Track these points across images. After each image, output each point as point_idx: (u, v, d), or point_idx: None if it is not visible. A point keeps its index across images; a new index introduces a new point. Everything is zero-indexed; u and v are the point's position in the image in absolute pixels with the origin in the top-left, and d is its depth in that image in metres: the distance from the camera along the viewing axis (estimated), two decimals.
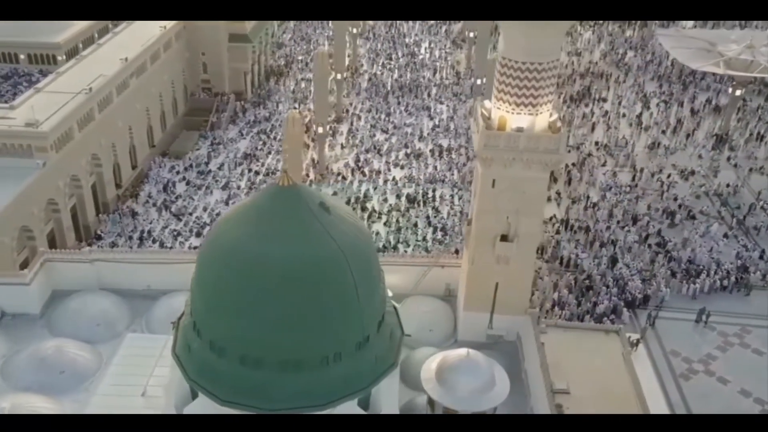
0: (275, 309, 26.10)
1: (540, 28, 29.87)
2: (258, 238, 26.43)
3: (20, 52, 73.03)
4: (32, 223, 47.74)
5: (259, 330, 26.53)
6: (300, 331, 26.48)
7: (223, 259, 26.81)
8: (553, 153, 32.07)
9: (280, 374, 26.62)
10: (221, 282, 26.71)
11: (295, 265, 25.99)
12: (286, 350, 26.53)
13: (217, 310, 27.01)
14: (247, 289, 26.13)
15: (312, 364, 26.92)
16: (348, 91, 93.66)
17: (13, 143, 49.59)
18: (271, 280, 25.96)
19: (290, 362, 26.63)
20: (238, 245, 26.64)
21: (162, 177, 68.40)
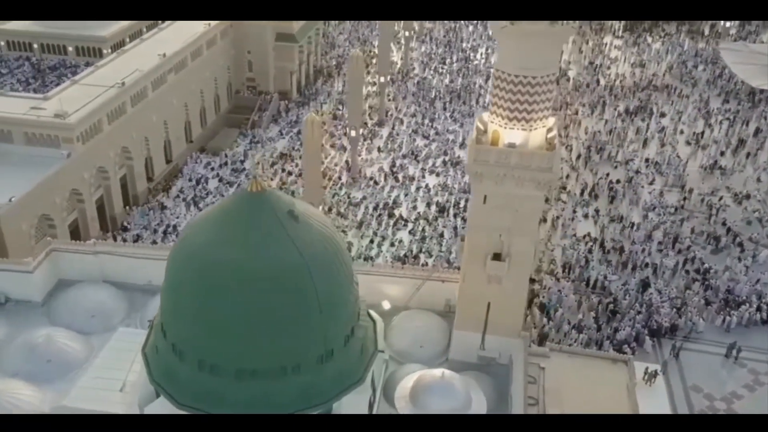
0: (232, 316, 26.19)
1: (534, 41, 28.95)
2: (220, 243, 26.59)
3: (69, 45, 76.47)
4: (53, 212, 49.80)
5: (216, 336, 26.71)
6: (256, 340, 26.50)
7: (185, 263, 27.14)
8: (546, 171, 30.93)
9: (236, 382, 26.74)
10: (183, 285, 27.04)
11: (254, 272, 26.00)
12: (242, 358, 26.61)
13: (179, 313, 27.38)
14: (206, 294, 26.32)
15: (269, 374, 26.89)
16: (394, 94, 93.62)
17: (41, 133, 51.98)
18: (229, 287, 26.07)
19: (246, 371, 26.69)
20: (199, 250, 26.90)
21: (196, 173, 70.11)
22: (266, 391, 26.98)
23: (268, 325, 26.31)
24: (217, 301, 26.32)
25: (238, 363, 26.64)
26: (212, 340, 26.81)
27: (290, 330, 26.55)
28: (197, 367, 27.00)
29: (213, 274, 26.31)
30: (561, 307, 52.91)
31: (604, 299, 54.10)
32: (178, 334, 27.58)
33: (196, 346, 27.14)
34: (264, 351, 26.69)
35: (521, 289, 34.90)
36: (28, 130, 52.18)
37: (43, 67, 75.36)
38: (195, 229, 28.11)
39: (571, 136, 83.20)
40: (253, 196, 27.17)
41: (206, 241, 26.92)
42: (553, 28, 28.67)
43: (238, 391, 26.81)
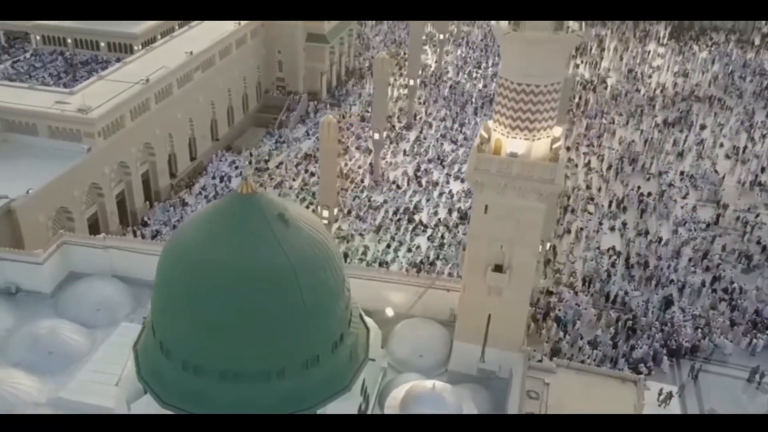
0: (216, 317, 26.35)
1: (538, 48, 28.45)
2: (208, 244, 26.80)
3: (101, 40, 78.34)
4: (72, 206, 51.03)
5: (200, 336, 26.93)
6: (240, 342, 26.61)
7: (174, 262, 27.46)
8: (548, 183, 30.36)
9: (220, 383, 26.89)
10: (171, 284, 27.36)
11: (239, 274, 26.12)
12: (225, 360, 26.76)
13: (166, 311, 27.72)
14: (191, 294, 26.56)
15: (253, 377, 26.99)
16: (426, 97, 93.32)
17: (64, 127, 53.37)
18: (215, 288, 26.24)
19: (230, 372, 26.84)
20: (188, 249, 27.18)
21: (220, 171, 71.04)
22: (250, 394, 27.08)
23: (252, 328, 26.41)
24: (202, 302, 26.53)
25: (222, 364, 26.81)
26: (196, 340, 27.06)
27: (275, 334, 26.60)
28: (182, 367, 27.27)
29: (199, 274, 26.54)
30: (578, 322, 51.93)
31: (623, 315, 52.88)
32: (165, 332, 27.92)
33: (182, 345, 27.43)
34: (248, 353, 26.80)
35: (522, 301, 34.32)
36: (51, 124, 53.66)
37: (75, 62, 77.39)
38: (186, 228, 28.44)
39: (604, 146, 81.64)
40: (243, 198, 27.34)
41: (195, 241, 27.18)
42: (556, 35, 28.16)
43: (221, 392, 26.96)
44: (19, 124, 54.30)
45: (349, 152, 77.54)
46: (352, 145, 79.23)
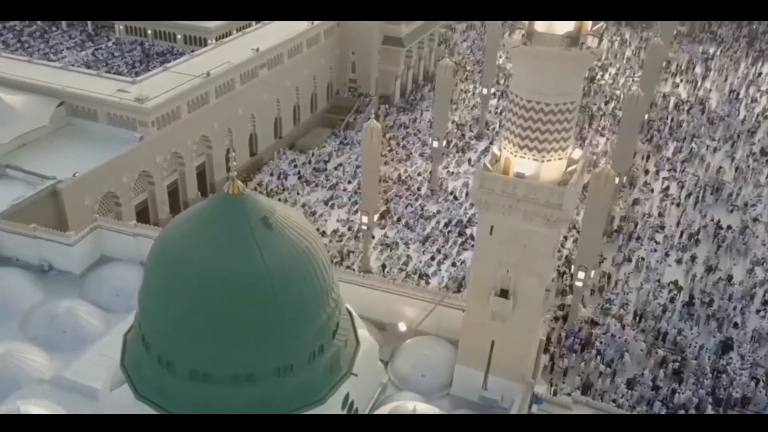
0: (189, 317, 26.83)
1: (549, 64, 27.19)
2: (187, 243, 27.33)
3: (178, 33, 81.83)
4: (120, 191, 53.55)
5: (172, 334, 27.53)
6: (210, 344, 26.95)
7: (156, 258, 28.23)
8: (555, 208, 28.94)
9: (189, 382, 27.32)
10: (150, 279, 28.19)
11: (213, 276, 26.43)
12: (195, 360, 27.16)
13: (147, 306, 28.49)
14: (166, 291, 27.23)
15: (221, 379, 27.26)
16: (502, 108, 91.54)
17: (121, 115, 56.15)
18: (188, 288, 26.70)
19: (199, 373, 27.21)
20: (169, 247, 27.84)
21: (279, 168, 72.54)
22: (217, 396, 27.35)
23: (222, 330, 26.61)
24: (177, 299, 27.09)
25: (191, 364, 27.21)
26: (169, 337, 27.66)
27: (245, 338, 26.70)
28: (157, 361, 27.95)
29: (175, 271, 27.11)
30: (621, 358, 49.29)
31: (671, 356, 49.74)
32: (146, 326, 28.67)
33: (158, 340, 28.08)
34: (216, 356, 27.05)
35: (528, 330, 32.85)
36: (110, 111, 56.62)
37: (152, 52, 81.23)
38: (174, 224, 29.10)
39: (687, 171, 77.19)
40: (229, 198, 27.68)
41: (177, 238, 27.81)
42: (568, 52, 26.83)
43: (189, 391, 27.38)
44: (82, 110, 57.71)
45: (411, 158, 77.23)
46: (416, 151, 78.84)
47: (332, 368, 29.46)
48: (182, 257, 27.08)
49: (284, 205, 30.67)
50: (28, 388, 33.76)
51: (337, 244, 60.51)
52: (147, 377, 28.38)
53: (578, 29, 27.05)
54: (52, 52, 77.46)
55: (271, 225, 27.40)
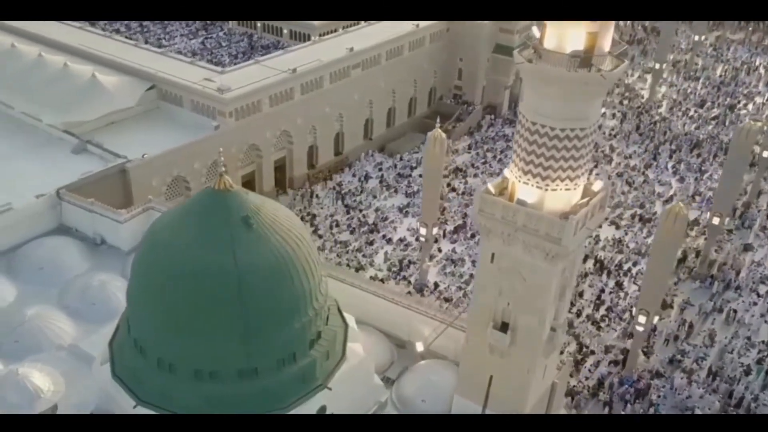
0: (155, 307, 28.11)
1: (556, 85, 25.45)
2: (167, 235, 28.56)
3: (285, 28, 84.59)
4: (190, 176, 56.28)
5: (144, 322, 28.82)
6: (172, 337, 27.90)
7: (144, 245, 29.58)
8: (555, 242, 27.06)
9: (156, 369, 28.46)
10: (135, 265, 29.51)
11: (182, 270, 27.29)
12: (160, 349, 28.28)
13: (129, 292, 29.97)
14: (141, 280, 28.75)
15: (184, 373, 28.06)
16: (618, 130, 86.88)
17: (203, 103, 59.04)
18: (160, 280, 27.80)
19: (164, 362, 28.31)
20: (151, 237, 29.15)
21: (363, 170, 73.20)
22: (179, 388, 28.16)
23: (184, 325, 27.44)
24: (146, 290, 28.39)
25: (158, 353, 28.28)
26: (142, 324, 28.93)
27: (206, 335, 27.33)
28: (133, 344, 29.27)
29: (150, 262, 28.35)
30: None
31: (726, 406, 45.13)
32: (128, 311, 30.09)
33: (133, 324, 29.42)
34: (178, 349, 27.90)
35: (527, 370, 30.94)
36: (194, 98, 59.75)
37: (257, 45, 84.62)
38: (162, 217, 30.30)
39: None
40: (216, 194, 28.37)
41: (158, 230, 29.12)
42: (577, 74, 24.98)
43: (155, 377, 28.44)
44: (171, 95, 61.35)
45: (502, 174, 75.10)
46: None
47: (305, 378, 29.40)
48: (157, 250, 28.29)
49: (280, 207, 30.61)
50: (46, 353, 36.45)
51: (400, 253, 60.12)
52: (126, 359, 29.74)
53: (589, 48, 25.13)
54: (165, 38, 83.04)
55: (251, 224, 27.79)
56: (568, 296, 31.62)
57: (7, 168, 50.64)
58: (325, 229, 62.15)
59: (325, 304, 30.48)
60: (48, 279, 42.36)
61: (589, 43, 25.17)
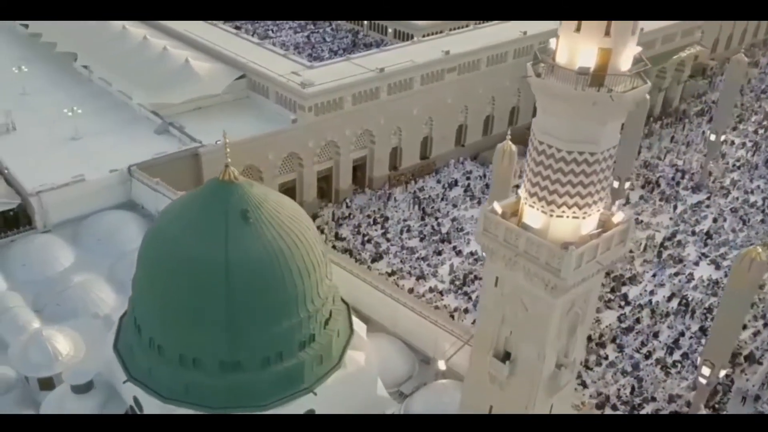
0: (150, 294, 29.53)
1: (562, 102, 23.95)
2: (167, 222, 29.87)
3: (390, 27, 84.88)
4: (263, 166, 58.09)
5: (141, 308, 30.03)
6: (162, 325, 29.09)
7: (147, 231, 30.80)
8: (554, 273, 25.50)
9: (157, 355, 29.72)
10: (139, 251, 30.71)
11: (173, 259, 28.52)
12: (157, 334, 29.46)
13: (135, 275, 31.25)
14: (141, 268, 30.12)
15: (170, 357, 29.09)
16: (744, 161, 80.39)
17: (286, 96, 60.72)
18: (153, 269, 29.32)
19: (155, 344, 29.40)
20: (156, 223, 30.42)
21: (451, 176, 72.38)
22: (165, 371, 29.20)
23: (171, 310, 28.49)
24: (145, 272, 29.76)
25: (150, 333, 29.53)
26: (140, 303, 30.25)
27: (191, 322, 28.20)
28: (134, 322, 30.69)
29: (150, 246, 29.66)
30: None
31: None
32: (133, 290, 31.49)
33: (134, 303, 30.80)
34: (166, 333, 29.00)
35: (525, 406, 29.29)
36: (278, 91, 61.57)
37: (360, 42, 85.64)
38: (172, 203, 31.41)
39: None
40: (221, 184, 29.17)
41: (163, 216, 30.47)
42: (584, 93, 23.31)
43: (145, 357, 29.70)
44: (259, 86, 63.62)
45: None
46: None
47: (291, 379, 29.63)
48: (155, 238, 29.49)
49: (287, 203, 30.78)
50: (81, 319, 39.06)
51: (468, 267, 58.96)
52: (131, 343, 30.93)
53: (601, 66, 23.41)
54: (272, 30, 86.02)
55: (248, 218, 28.31)
56: (582, 334, 29.62)
57: (93, 141, 54.74)
58: (395, 233, 62.14)
59: (323, 307, 30.45)
60: (105, 250, 45.29)
61: (601, 59, 23.43)
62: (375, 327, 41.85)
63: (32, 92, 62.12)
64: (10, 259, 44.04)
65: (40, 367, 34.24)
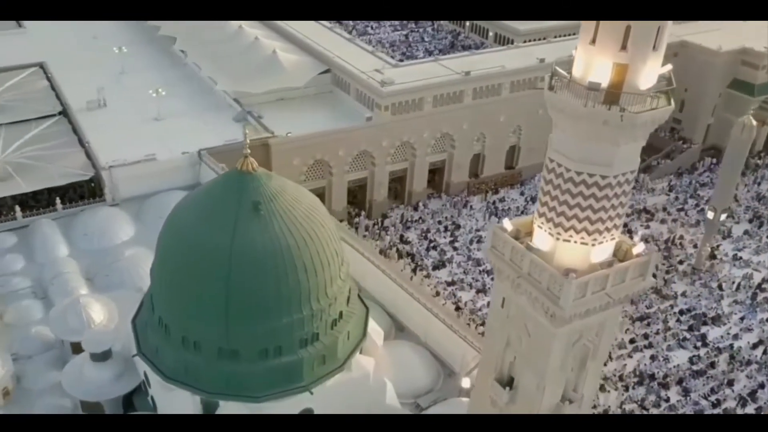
0: (160, 279, 30.70)
1: (573, 120, 22.80)
2: (180, 210, 30.99)
3: (491, 30, 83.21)
4: (333, 161, 58.76)
5: (156, 285, 31.35)
6: (171, 302, 30.24)
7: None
8: (553, 301, 24.28)
9: (158, 329, 30.90)
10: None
11: (182, 245, 29.72)
12: (162, 311, 30.65)
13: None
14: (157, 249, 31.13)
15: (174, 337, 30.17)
16: None
17: (365, 93, 61.11)
18: (165, 248, 30.42)
19: (163, 323, 30.50)
20: (174, 208, 31.33)
21: (536, 190, 70.27)
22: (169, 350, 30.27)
23: (178, 292, 29.61)
24: (159, 254, 30.87)
25: (160, 312, 30.70)
26: (154, 283, 31.33)
27: (193, 307, 29.08)
28: (150, 299, 31.92)
29: (165, 229, 30.68)
30: None
31: None
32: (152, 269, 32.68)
33: (152, 288, 31.90)
34: (172, 313, 30.05)
35: None
36: (359, 88, 62.03)
37: (459, 44, 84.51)
38: (193, 191, 32.21)
39: None
40: (239, 174, 29.74)
41: (181, 202, 31.49)
42: (591, 110, 22.08)
43: (155, 335, 30.92)
44: (342, 81, 64.42)
45: (702, 224, 67.62)
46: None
47: (288, 375, 29.90)
48: (176, 218, 30.57)
49: (306, 198, 30.78)
50: (125, 291, 41.09)
51: None
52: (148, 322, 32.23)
53: (616, 83, 22.05)
54: (371, 27, 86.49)
55: (259, 210, 28.79)
56: (594, 369, 27.95)
57: (173, 123, 57.53)
58: (464, 242, 61.17)
59: (330, 307, 30.40)
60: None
61: (616, 76, 22.06)
62: (407, 335, 41.66)
63: (130, 72, 66.05)
64: (75, 228, 47.13)
65: (73, 332, 36.34)
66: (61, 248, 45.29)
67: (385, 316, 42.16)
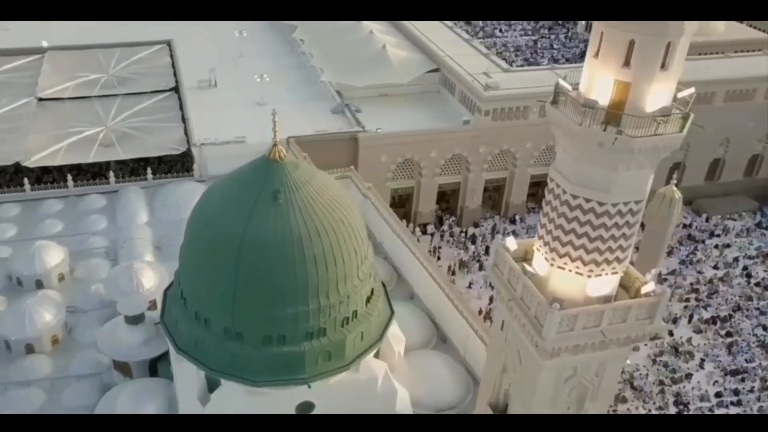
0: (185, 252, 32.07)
1: (570, 138, 21.55)
2: (208, 195, 32.27)
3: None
4: (424, 162, 58.18)
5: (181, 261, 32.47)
6: (189, 278, 31.81)
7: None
8: (537, 331, 23.09)
9: (179, 301, 32.47)
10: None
11: (201, 227, 31.10)
12: (183, 286, 32.14)
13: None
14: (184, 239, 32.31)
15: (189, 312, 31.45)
16: None
17: (468, 96, 60.33)
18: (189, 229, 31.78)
19: (183, 297, 32.04)
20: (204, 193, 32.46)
21: None
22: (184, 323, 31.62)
23: (194, 270, 31.03)
24: (185, 233, 31.91)
25: (181, 286, 32.09)
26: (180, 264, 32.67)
27: (205, 286, 30.31)
28: (179, 284, 33.43)
29: (192, 214, 31.78)
30: None
31: None
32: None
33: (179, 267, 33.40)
34: (190, 289, 31.29)
35: None
36: (463, 90, 61.29)
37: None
38: (224, 177, 32.97)
39: None
40: (267, 162, 30.57)
41: (210, 188, 32.61)
42: (585, 129, 20.78)
43: (175, 307, 32.49)
44: (449, 82, 64.02)
45: None
46: None
47: (288, 365, 30.43)
48: (202, 203, 31.84)
49: (335, 190, 30.91)
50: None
51: None
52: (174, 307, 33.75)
53: (618, 102, 20.59)
54: (499, 29, 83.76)
55: (278, 199, 29.46)
56: (595, 409, 26.21)
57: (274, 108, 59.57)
58: None
59: (341, 304, 30.45)
60: None
61: (618, 95, 20.59)
62: (449, 348, 40.88)
63: (247, 56, 69.41)
64: (158, 198, 50.41)
65: (123, 294, 39.00)
66: (141, 215, 48.65)
67: (431, 324, 41.79)
